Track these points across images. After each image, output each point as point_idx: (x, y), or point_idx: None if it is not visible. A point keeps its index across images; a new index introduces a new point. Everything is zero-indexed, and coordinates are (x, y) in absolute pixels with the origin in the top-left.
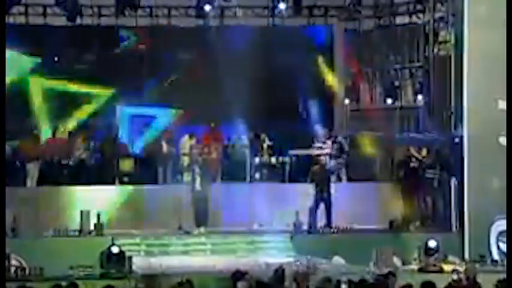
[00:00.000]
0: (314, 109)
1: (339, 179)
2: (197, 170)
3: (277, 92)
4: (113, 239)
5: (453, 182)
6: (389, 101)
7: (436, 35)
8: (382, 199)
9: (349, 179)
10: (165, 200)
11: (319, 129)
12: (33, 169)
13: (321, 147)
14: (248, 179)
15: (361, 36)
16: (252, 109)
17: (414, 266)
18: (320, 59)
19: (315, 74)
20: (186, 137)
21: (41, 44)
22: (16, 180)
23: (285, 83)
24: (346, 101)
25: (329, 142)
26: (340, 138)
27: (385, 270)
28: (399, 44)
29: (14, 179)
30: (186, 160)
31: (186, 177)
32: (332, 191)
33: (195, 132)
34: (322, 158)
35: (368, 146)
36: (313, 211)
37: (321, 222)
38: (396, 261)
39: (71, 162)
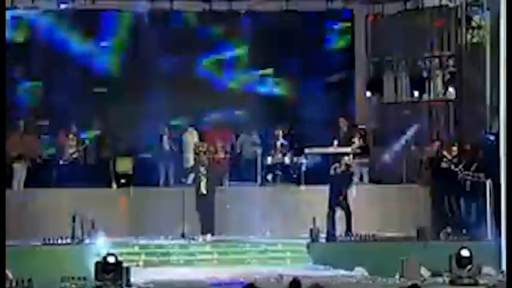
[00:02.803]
0: (333, 103)
1: (361, 181)
2: (202, 171)
3: (292, 84)
4: (109, 248)
5: (488, 184)
6: (416, 93)
7: (469, 19)
8: (409, 203)
9: (372, 181)
10: (166, 205)
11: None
12: (20, 169)
13: (341, 146)
14: (259, 181)
15: (385, 21)
16: (264, 103)
17: (445, 278)
18: (339, 47)
19: (334, 64)
20: (190, 133)
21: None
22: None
23: (301, 74)
24: (368, 94)
25: (354, 139)
26: (362, 136)
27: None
28: (428, 30)
29: None
30: (190, 160)
31: (190, 179)
32: (353, 194)
33: (200, 128)
34: (342, 157)
35: (391, 144)
36: (331, 217)
37: (340, 229)
38: (424, 272)
39: (62, 162)
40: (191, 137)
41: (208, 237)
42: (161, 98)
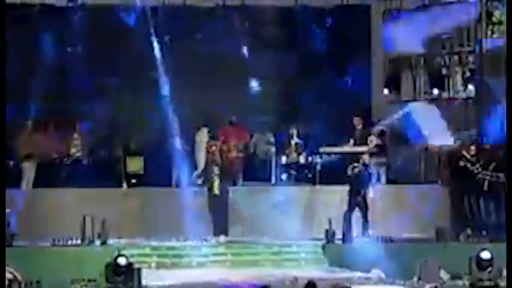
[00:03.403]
0: (349, 101)
1: (378, 181)
2: (215, 170)
3: (307, 81)
4: (119, 249)
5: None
6: (435, 91)
7: (489, 15)
8: (427, 203)
9: (389, 181)
10: (178, 205)
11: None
12: (29, 169)
13: (356, 145)
14: (273, 180)
15: (403, 17)
16: (278, 101)
17: (465, 281)
18: (356, 44)
19: (350, 60)
20: (203, 131)
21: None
22: (10, 181)
23: (316, 71)
24: (386, 91)
25: (371, 137)
26: (380, 135)
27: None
28: (447, 26)
29: (7, 179)
30: (202, 159)
31: (203, 178)
32: (370, 194)
33: (212, 127)
34: (360, 157)
35: (410, 143)
36: (348, 217)
37: (356, 230)
38: (443, 275)
39: (71, 161)
40: (203, 136)
41: (222, 238)
42: (173, 96)
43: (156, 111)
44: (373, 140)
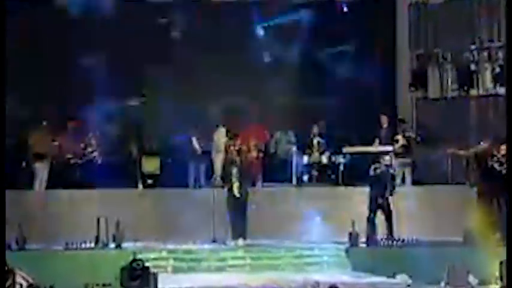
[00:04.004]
0: (374, 98)
1: (403, 182)
2: (234, 171)
3: (329, 78)
4: (135, 253)
5: None
6: (463, 88)
7: None
8: (455, 205)
9: (415, 182)
10: (196, 207)
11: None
12: (41, 169)
13: (383, 144)
14: (294, 181)
15: (429, 11)
16: (300, 98)
17: (494, 286)
18: (380, 39)
19: (374, 56)
20: (220, 130)
21: None
22: (22, 182)
23: (339, 67)
24: (412, 89)
25: (398, 137)
26: (408, 133)
27: None
28: (476, 20)
29: (19, 180)
30: (220, 159)
31: (222, 179)
32: (393, 196)
33: (231, 126)
34: (383, 157)
35: (436, 142)
36: (372, 220)
37: (381, 233)
38: (472, 280)
39: (85, 162)
40: (221, 136)
41: (241, 241)
42: (190, 94)
43: (173, 109)
44: (400, 140)
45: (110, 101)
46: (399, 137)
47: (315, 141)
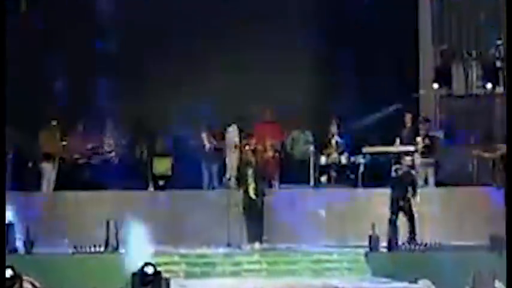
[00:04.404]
0: (395, 96)
1: (426, 183)
2: (250, 172)
3: (348, 75)
4: (146, 257)
5: None
6: (489, 85)
7: None
8: (481, 208)
9: (438, 183)
10: (209, 209)
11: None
12: (49, 170)
13: (404, 144)
14: (312, 182)
15: (453, 4)
16: (317, 96)
17: None
18: (402, 34)
19: (396, 52)
20: (234, 128)
21: None
22: (29, 183)
23: (359, 63)
24: (435, 86)
25: (420, 136)
26: (431, 132)
27: None
28: (502, 14)
29: (26, 182)
30: (233, 159)
31: (236, 180)
32: (416, 197)
33: (246, 124)
34: (403, 156)
35: (461, 142)
36: (393, 223)
37: (403, 236)
38: (499, 286)
39: (95, 162)
40: (234, 134)
41: (256, 245)
42: (202, 92)
43: (185, 108)
44: (422, 139)
45: (119, 100)
46: (421, 136)
47: (333, 141)
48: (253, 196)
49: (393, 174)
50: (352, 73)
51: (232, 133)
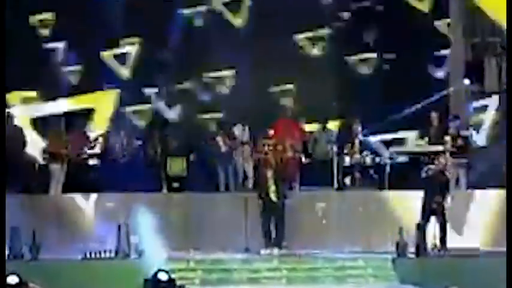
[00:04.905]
0: (423, 93)
1: (457, 185)
2: (269, 174)
3: (373, 71)
4: (160, 263)
5: None
6: None
7: None
8: None
9: (471, 186)
10: (227, 213)
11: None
12: (57, 171)
13: (433, 143)
14: (335, 185)
15: None
16: (341, 92)
17: None
18: (432, 27)
19: (425, 46)
20: (239, 128)
21: None
22: (36, 185)
23: (386, 58)
24: (466, 82)
25: (450, 135)
26: (462, 131)
27: None
28: None
29: (33, 183)
30: (249, 160)
31: (254, 183)
32: (447, 200)
33: (264, 123)
34: (434, 157)
35: (494, 141)
36: (422, 227)
37: (432, 241)
38: None
39: (105, 163)
40: (242, 134)
41: (276, 251)
42: (219, 89)
43: (200, 106)
44: (452, 138)
45: (131, 97)
46: (450, 135)
47: (357, 140)
48: (274, 199)
49: (423, 175)
50: (378, 69)
51: (247, 133)
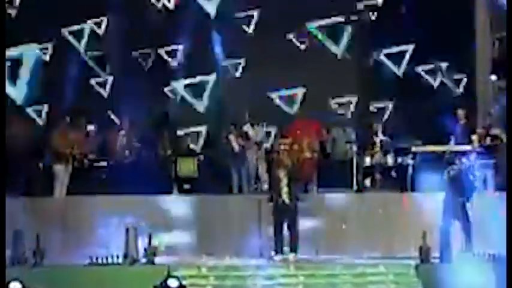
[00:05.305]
0: (448, 89)
1: (484, 187)
2: (283, 174)
3: (396, 66)
4: (169, 269)
5: None
6: None
7: None
8: None
9: (499, 187)
10: (240, 216)
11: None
12: (62, 172)
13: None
14: (355, 187)
15: None
16: (360, 88)
17: None
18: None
19: (450, 40)
20: (262, 127)
21: None
22: (40, 187)
23: (408, 53)
24: (493, 77)
25: (477, 134)
26: (492, 129)
27: None
28: None
29: (36, 185)
30: (262, 160)
31: (268, 184)
32: (473, 203)
33: (280, 121)
34: (459, 157)
35: None
36: (447, 232)
37: (458, 247)
38: None
39: (112, 163)
40: (261, 132)
41: (292, 256)
42: (231, 87)
43: (213, 104)
44: (479, 137)
45: (139, 95)
46: (477, 134)
47: (377, 140)
48: (286, 201)
49: (446, 176)
50: (402, 66)
51: (258, 131)
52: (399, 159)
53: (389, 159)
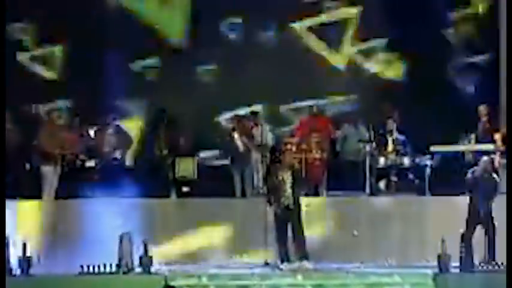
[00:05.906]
0: (469, 87)
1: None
2: (290, 177)
3: (413, 62)
4: (166, 279)
5: None
6: None
7: None
8: None
9: None
10: (243, 221)
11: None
12: (51, 174)
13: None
14: (368, 189)
15: None
16: (373, 85)
17: None
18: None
19: (470, 37)
20: (266, 125)
21: None
22: (26, 189)
23: (426, 49)
24: None
25: (500, 132)
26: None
27: None
28: None
29: (22, 188)
30: (265, 161)
31: (272, 187)
32: (498, 207)
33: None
34: (481, 157)
35: None
36: (467, 238)
37: (479, 255)
38: None
39: (105, 164)
40: (265, 132)
41: (298, 264)
42: (234, 82)
43: (213, 101)
44: (502, 135)
45: (135, 92)
46: (501, 132)
47: (391, 139)
48: (292, 206)
49: (469, 178)
50: (419, 62)
51: (263, 130)
52: (416, 160)
53: (406, 160)
